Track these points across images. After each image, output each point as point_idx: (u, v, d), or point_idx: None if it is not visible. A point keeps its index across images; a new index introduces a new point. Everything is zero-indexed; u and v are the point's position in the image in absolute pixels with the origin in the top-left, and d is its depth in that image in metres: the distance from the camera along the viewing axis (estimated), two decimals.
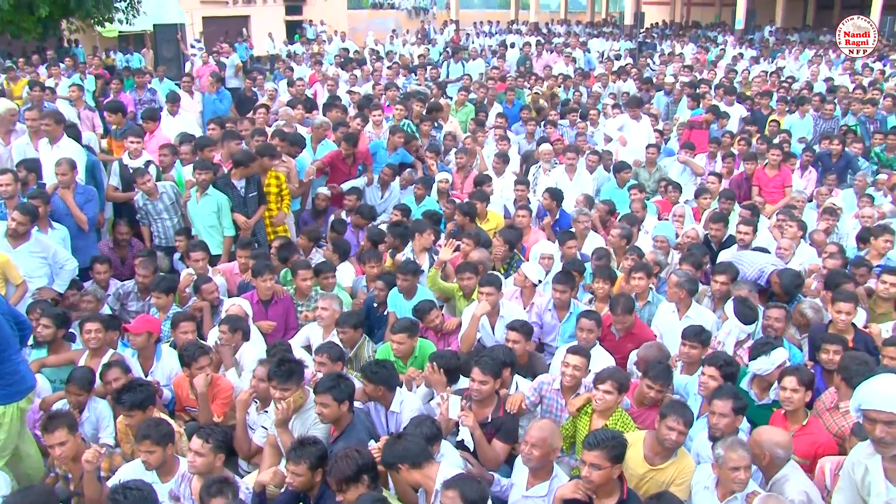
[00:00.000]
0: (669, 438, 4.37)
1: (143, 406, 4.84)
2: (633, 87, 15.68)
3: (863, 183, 9.75)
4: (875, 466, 3.53)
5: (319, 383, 4.70)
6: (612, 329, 6.17)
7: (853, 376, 4.81)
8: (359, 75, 15.50)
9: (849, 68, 18.70)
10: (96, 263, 7.24)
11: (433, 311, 6.35)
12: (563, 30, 31.94)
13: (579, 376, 5.14)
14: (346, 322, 6.05)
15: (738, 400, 4.55)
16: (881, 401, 3.26)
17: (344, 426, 4.73)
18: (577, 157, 10.05)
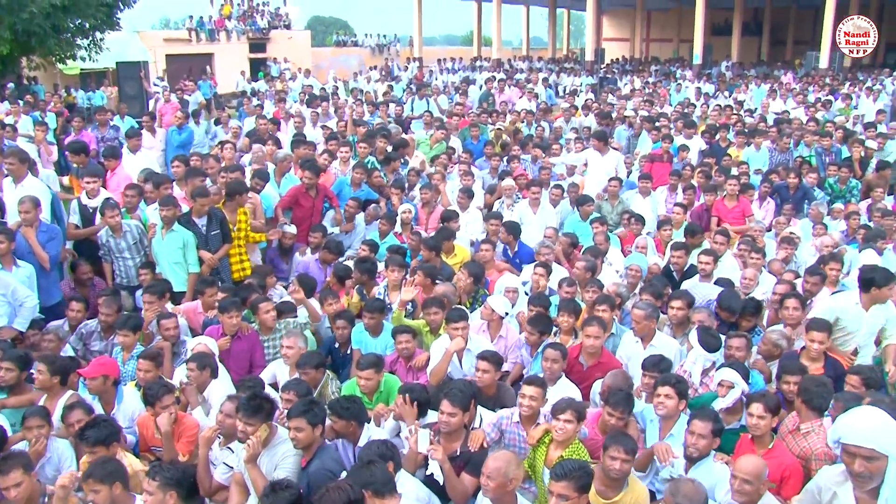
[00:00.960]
0: (613, 468, 4.39)
1: (107, 443, 4.75)
2: (595, 121, 15.93)
3: (817, 212, 9.99)
4: (846, 495, 3.54)
5: (293, 408, 4.70)
6: (579, 359, 6.20)
7: (813, 398, 4.99)
8: (320, 112, 15.55)
9: (802, 102, 19.20)
10: (72, 301, 7.15)
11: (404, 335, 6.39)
12: (525, 66, 32.34)
13: (536, 406, 5.14)
14: (306, 363, 6.03)
15: (718, 423, 4.63)
16: (861, 436, 3.26)
17: (314, 452, 4.73)
18: (540, 191, 10.16)
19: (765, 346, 6.32)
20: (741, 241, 8.75)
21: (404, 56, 37.55)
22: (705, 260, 7.83)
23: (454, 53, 38.62)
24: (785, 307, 6.68)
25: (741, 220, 10.00)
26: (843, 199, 10.99)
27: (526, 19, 42.53)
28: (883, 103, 20.06)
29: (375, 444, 4.53)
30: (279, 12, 38.33)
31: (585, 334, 6.13)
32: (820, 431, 4.94)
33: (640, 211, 10.05)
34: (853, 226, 9.60)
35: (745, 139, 13.25)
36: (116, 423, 5.15)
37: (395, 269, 7.58)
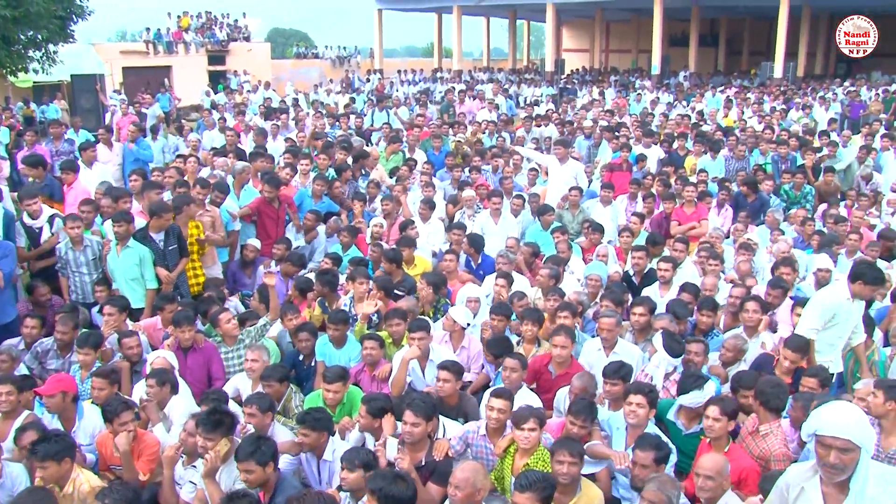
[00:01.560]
0: (561, 472, 4.43)
1: (59, 458, 4.62)
2: (555, 131, 16.04)
3: (774, 219, 10.16)
4: (813, 490, 3.60)
5: (240, 449, 4.58)
6: (549, 367, 6.22)
7: (769, 399, 5.09)
8: (280, 125, 15.49)
9: (758, 111, 19.55)
10: (27, 318, 6.98)
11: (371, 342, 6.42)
12: (486, 77, 32.50)
13: (503, 419, 5.13)
14: (270, 376, 5.98)
15: (660, 450, 4.63)
16: (837, 428, 3.32)
17: (273, 486, 4.63)
18: (501, 202, 10.20)
19: (728, 352, 6.40)
20: (700, 248, 8.87)
21: (365, 68, 37.55)
22: (664, 267, 7.95)
23: (415, 65, 38.67)
24: (745, 310, 6.78)
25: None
26: (798, 205, 11.18)
27: (486, 31, 42.77)
28: (835, 112, 20.50)
29: (361, 452, 4.54)
30: (238, 24, 38.12)
31: (553, 344, 6.15)
32: (778, 433, 5.04)
33: (601, 220, 10.14)
34: (808, 231, 9.77)
35: (702, 148, 13.42)
36: (72, 438, 5.02)
37: (362, 282, 7.56)
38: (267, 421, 5.30)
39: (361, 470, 4.46)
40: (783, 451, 4.94)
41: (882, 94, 22.87)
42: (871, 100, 21.98)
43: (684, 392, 5.23)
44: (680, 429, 5.29)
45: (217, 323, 6.84)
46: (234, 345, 6.85)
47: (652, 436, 4.85)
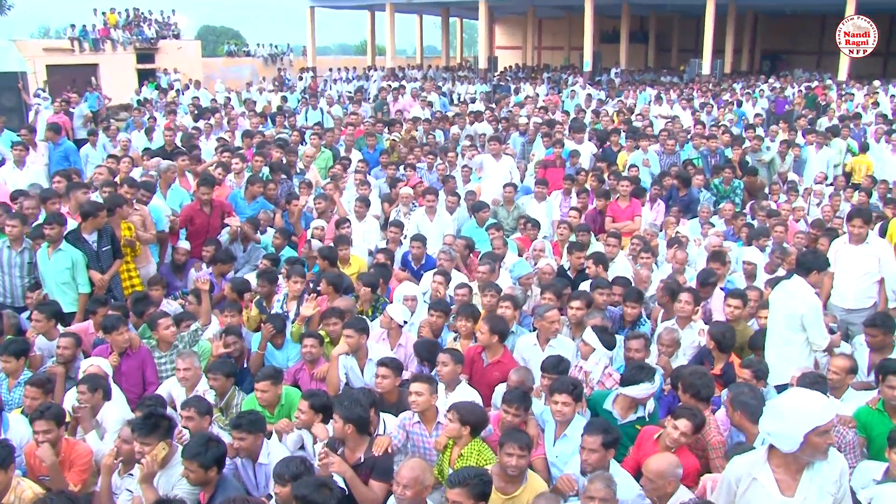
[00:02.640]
0: (510, 464, 4.47)
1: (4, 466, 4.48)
2: (489, 128, 16.11)
3: (706, 212, 10.38)
4: (766, 478, 3.66)
5: (187, 448, 4.54)
6: (481, 355, 6.26)
7: (700, 389, 5.18)
8: (213, 124, 15.24)
9: (687, 106, 19.95)
10: None
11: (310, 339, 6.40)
12: (420, 75, 32.48)
13: (422, 402, 5.21)
14: (218, 369, 5.91)
15: (608, 434, 4.64)
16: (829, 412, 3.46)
17: (214, 487, 4.57)
18: (436, 199, 10.20)
19: (665, 346, 6.50)
20: (633, 241, 9.00)
21: (298, 66, 37.19)
22: (588, 263, 8.05)
23: (348, 63, 38.43)
24: (678, 300, 6.90)
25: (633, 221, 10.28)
26: (727, 198, 11.43)
27: (419, 28, 42.78)
28: (761, 108, 21.04)
29: (293, 463, 4.47)
30: (168, 22, 37.38)
31: (478, 330, 6.27)
32: (711, 421, 5.13)
33: (536, 215, 10.22)
34: (738, 225, 10.00)
35: (633, 143, 13.61)
36: (11, 445, 4.81)
37: (298, 280, 7.50)
38: (205, 424, 5.23)
39: (293, 483, 4.40)
40: (719, 439, 5.05)
41: (805, 90, 23.54)
42: (794, 96, 22.59)
43: (633, 383, 5.26)
44: (616, 419, 5.34)
45: (155, 327, 6.69)
46: (168, 350, 6.71)
47: (600, 420, 4.90)
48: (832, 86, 24.30)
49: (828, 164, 13.50)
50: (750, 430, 4.90)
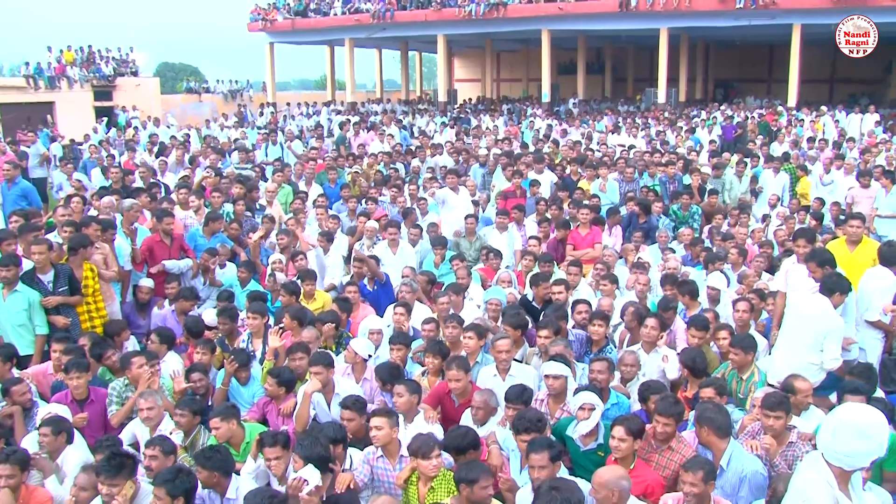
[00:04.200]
0: (484, 497, 4.50)
1: None
2: (450, 160, 16.21)
3: (665, 238, 10.53)
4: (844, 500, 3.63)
5: (158, 476, 4.55)
6: (451, 396, 6.24)
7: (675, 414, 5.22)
8: (175, 161, 15.15)
9: (646, 136, 20.30)
10: None
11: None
12: (380, 108, 32.64)
13: (382, 436, 5.25)
14: (185, 406, 5.86)
15: (553, 448, 4.72)
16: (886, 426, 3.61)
17: None
18: (398, 232, 10.24)
19: (624, 366, 6.58)
20: (595, 269, 9.08)
21: (258, 101, 37.15)
22: (558, 290, 8.15)
23: (308, 98, 38.50)
24: (644, 325, 6.97)
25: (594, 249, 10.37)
26: (686, 224, 11.61)
27: (379, 62, 43.02)
28: (716, 135, 21.45)
29: (264, 496, 4.46)
30: (126, 58, 37.19)
31: (448, 378, 6.21)
32: (686, 447, 5.20)
33: (498, 246, 10.29)
34: (696, 250, 10.15)
35: (593, 172, 13.77)
36: None
37: (256, 317, 7.46)
38: (169, 464, 5.14)
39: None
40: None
41: (757, 117, 24.05)
42: (747, 122, 23.06)
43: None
44: (578, 446, 5.39)
45: (128, 366, 6.59)
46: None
47: (542, 438, 4.93)
48: (783, 112, 24.86)
49: (783, 188, 13.80)
50: (717, 444, 4.98)
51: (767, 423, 5.19)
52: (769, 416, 5.17)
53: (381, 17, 32.56)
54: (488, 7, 30.51)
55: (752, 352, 6.40)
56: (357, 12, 33.62)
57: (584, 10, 29.59)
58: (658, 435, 5.17)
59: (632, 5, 28.23)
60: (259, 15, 35.83)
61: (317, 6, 35.41)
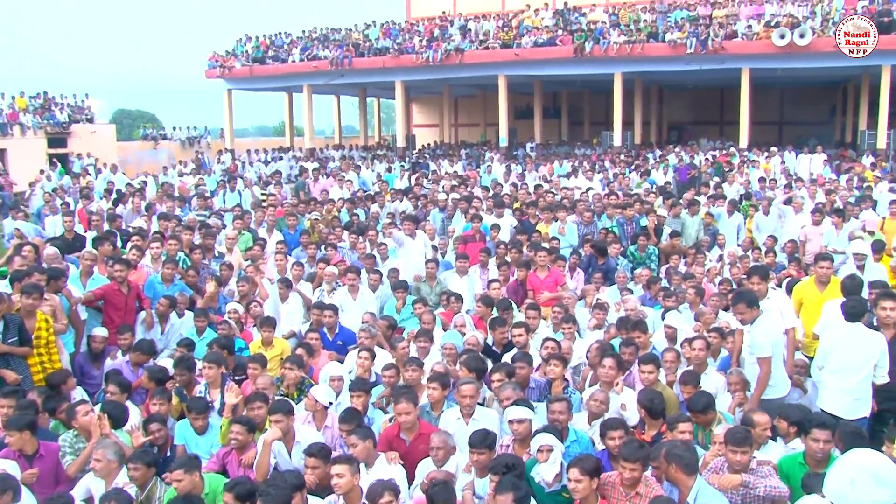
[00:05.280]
0: None
1: None
2: (409, 205, 16.27)
3: (623, 279, 10.64)
4: None
5: None
6: (400, 436, 6.24)
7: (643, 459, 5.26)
8: (131, 208, 15.01)
9: (603, 178, 20.61)
10: None
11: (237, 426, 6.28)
12: (338, 154, 32.72)
13: (344, 484, 5.24)
14: (138, 458, 5.71)
15: (519, 490, 4.76)
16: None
17: None
18: (358, 278, 10.24)
19: (593, 401, 6.63)
20: (553, 312, 9.13)
21: (216, 148, 37.05)
22: (518, 332, 8.19)
23: (267, 144, 38.51)
24: (602, 365, 7.01)
25: (554, 291, 10.44)
26: (643, 264, 11.76)
27: (337, 108, 43.24)
28: (671, 176, 21.83)
29: None
30: (81, 105, 36.91)
31: (396, 412, 6.25)
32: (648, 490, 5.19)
33: (458, 290, 10.32)
34: (654, 290, 10.27)
35: (551, 215, 13.90)
36: None
37: (213, 366, 7.39)
38: None
39: None
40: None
41: (711, 159, 24.53)
42: (701, 163, 23.52)
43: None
44: (543, 487, 5.41)
45: (74, 416, 6.44)
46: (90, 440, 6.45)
47: (507, 479, 4.94)
48: (735, 153, 25.41)
49: (738, 227, 14.06)
50: (685, 481, 5.03)
51: (734, 458, 5.28)
52: (735, 452, 5.27)
53: (339, 64, 32.77)
54: (445, 54, 30.90)
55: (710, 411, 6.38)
56: (315, 59, 33.80)
57: (540, 55, 30.09)
58: (625, 481, 5.18)
59: (586, 51, 28.79)
60: (217, 62, 35.84)
61: (275, 53, 35.55)
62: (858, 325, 6.84)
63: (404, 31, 34.47)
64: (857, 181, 19.06)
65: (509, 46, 30.66)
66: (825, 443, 5.50)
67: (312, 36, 36.10)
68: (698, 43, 27.18)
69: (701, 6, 29.86)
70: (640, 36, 28.66)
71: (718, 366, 7.89)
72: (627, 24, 29.62)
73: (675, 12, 29.83)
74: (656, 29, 28.99)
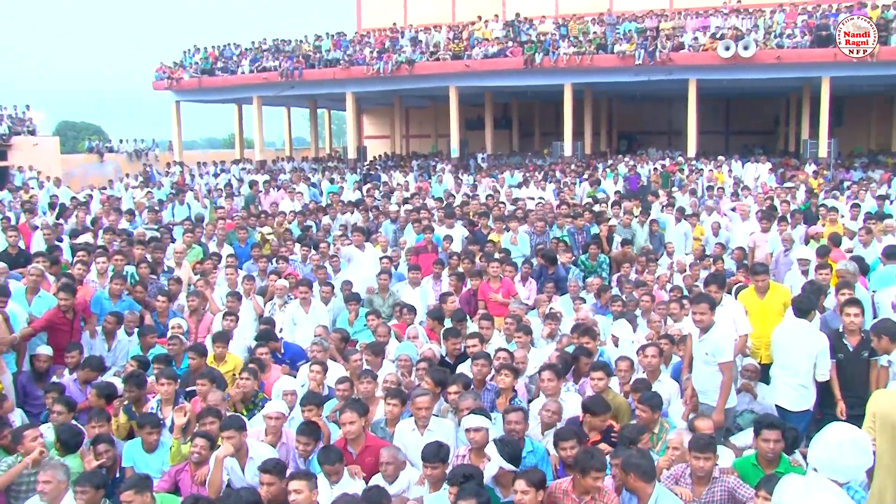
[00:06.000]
0: None
1: None
2: (361, 217, 16.20)
3: (575, 287, 10.71)
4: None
5: None
6: (348, 449, 6.23)
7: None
8: (76, 222, 14.71)
9: (555, 188, 20.78)
10: None
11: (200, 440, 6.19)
12: (289, 166, 32.47)
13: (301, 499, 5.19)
14: (86, 481, 5.54)
15: (480, 497, 4.78)
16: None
17: None
18: (310, 291, 10.15)
19: (546, 411, 6.66)
20: (506, 322, 9.12)
21: (164, 161, 36.51)
22: (472, 342, 8.18)
23: (216, 156, 38.03)
24: (541, 378, 7.04)
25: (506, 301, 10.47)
26: (594, 273, 11.86)
27: (287, 120, 42.92)
28: (621, 185, 22.09)
29: None
30: (22, 117, 36.11)
31: (341, 422, 6.25)
32: (601, 495, 5.25)
33: (411, 301, 10.29)
34: (606, 298, 10.35)
35: (502, 225, 13.94)
36: None
37: (169, 382, 7.25)
38: None
39: None
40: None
41: (660, 168, 24.88)
42: (650, 173, 23.85)
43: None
44: (498, 497, 5.43)
45: (20, 440, 6.24)
46: (38, 467, 6.23)
47: (470, 486, 4.96)
48: (683, 163, 25.81)
49: (685, 235, 14.25)
50: (644, 489, 5.09)
51: (698, 464, 5.40)
52: (699, 458, 5.39)
53: (289, 76, 32.56)
54: (396, 65, 30.90)
55: (658, 410, 6.57)
56: (265, 71, 33.54)
57: (491, 66, 30.26)
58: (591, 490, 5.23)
59: (536, 62, 29.03)
60: (165, 73, 35.37)
61: (224, 64, 35.20)
62: (805, 322, 7.22)
63: (355, 42, 34.40)
64: (805, 190, 19.49)
65: (460, 58, 30.80)
66: (775, 443, 5.67)
67: (262, 47, 35.80)
68: (646, 54, 27.61)
69: (649, 18, 30.39)
70: (590, 47, 29.00)
71: (671, 373, 7.96)
72: (577, 35, 29.96)
73: (623, 24, 30.31)
74: (605, 41, 29.38)
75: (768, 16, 28.53)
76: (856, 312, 7.22)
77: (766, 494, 4.93)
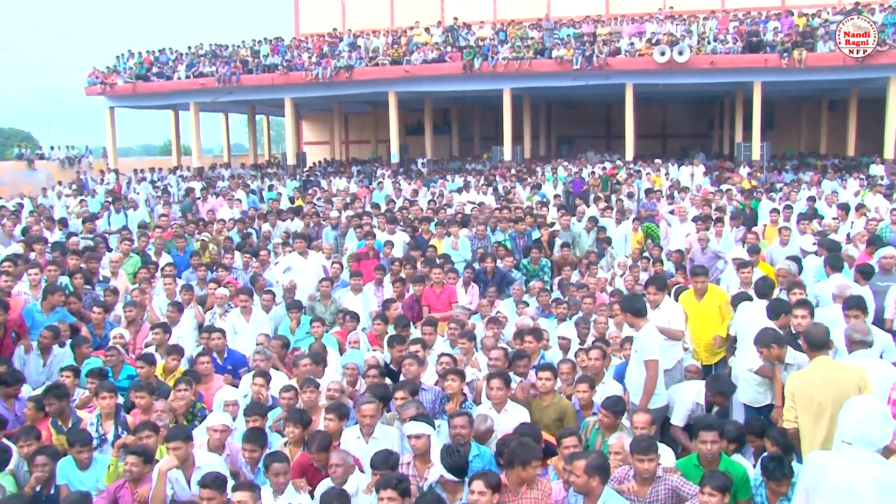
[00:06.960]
0: None
1: None
2: (301, 224, 16.05)
3: (519, 291, 10.78)
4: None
5: None
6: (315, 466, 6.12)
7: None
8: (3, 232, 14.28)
9: (495, 193, 20.91)
10: None
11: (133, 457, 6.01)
12: (228, 173, 32.03)
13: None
14: (16, 501, 5.48)
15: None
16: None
17: None
18: (250, 299, 10.02)
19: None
20: (449, 328, 9.11)
21: (98, 168, 35.69)
22: (415, 348, 8.18)
23: (153, 164, 37.25)
24: (490, 387, 7.03)
25: (448, 306, 10.49)
26: (536, 277, 11.94)
27: (225, 126, 42.34)
28: (561, 189, 22.32)
29: None
30: None
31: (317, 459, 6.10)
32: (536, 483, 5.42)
33: (353, 308, 10.23)
34: (544, 301, 10.44)
35: (443, 230, 13.95)
36: None
37: (107, 396, 7.03)
38: None
39: None
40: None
41: (601, 171, 25.20)
42: (589, 177, 24.13)
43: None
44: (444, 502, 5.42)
45: None
46: None
47: (431, 492, 5.07)
48: (622, 166, 26.19)
49: (626, 237, 14.46)
50: (597, 490, 5.16)
51: (642, 466, 5.45)
52: (643, 460, 5.44)
53: (226, 81, 32.10)
54: (335, 70, 30.74)
55: (621, 416, 6.61)
56: (201, 76, 33.01)
57: (430, 72, 30.31)
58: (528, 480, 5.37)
59: (475, 67, 29.17)
60: (97, 78, 34.52)
61: (159, 70, 34.55)
62: (764, 302, 7.67)
63: (293, 47, 34.10)
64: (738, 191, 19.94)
65: (399, 63, 30.78)
66: (712, 443, 5.81)
67: (199, 52, 35.25)
68: (584, 59, 27.97)
69: (586, 24, 30.78)
70: (528, 52, 29.29)
71: (613, 374, 8.05)
72: (515, 40, 30.18)
73: (561, 29, 30.64)
74: (543, 46, 29.67)
75: (701, 22, 29.16)
76: (803, 314, 7.13)
77: (712, 490, 5.08)
